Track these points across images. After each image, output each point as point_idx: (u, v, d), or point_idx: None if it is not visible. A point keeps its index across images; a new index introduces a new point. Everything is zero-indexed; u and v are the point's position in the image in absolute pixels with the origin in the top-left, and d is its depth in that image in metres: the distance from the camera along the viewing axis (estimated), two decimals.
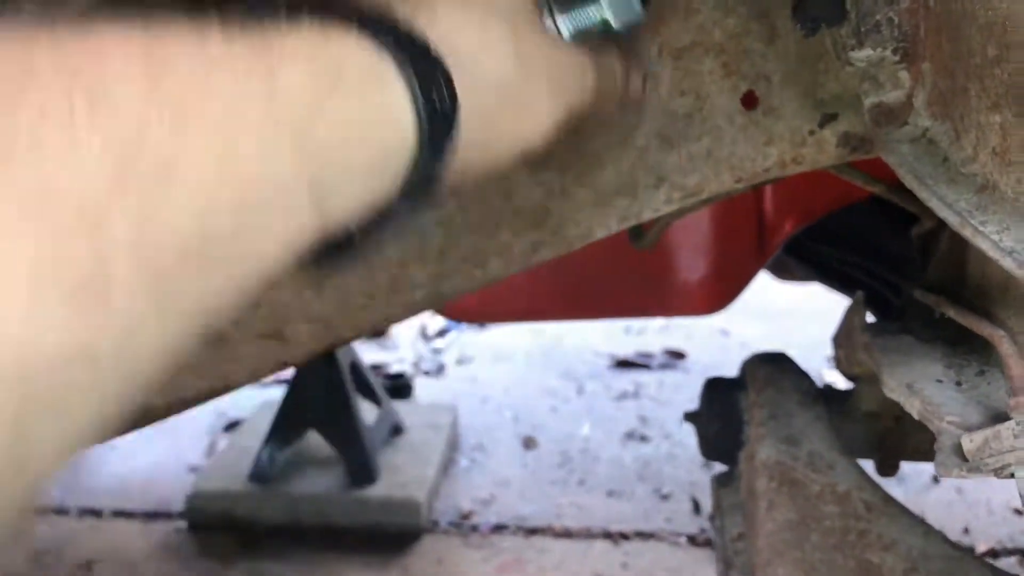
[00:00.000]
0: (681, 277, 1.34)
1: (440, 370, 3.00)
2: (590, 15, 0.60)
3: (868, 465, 1.04)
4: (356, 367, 2.31)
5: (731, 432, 1.00)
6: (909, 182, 0.60)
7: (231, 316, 0.41)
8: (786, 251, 1.43)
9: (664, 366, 2.95)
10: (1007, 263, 0.53)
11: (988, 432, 0.54)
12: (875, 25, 0.61)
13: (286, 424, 2.25)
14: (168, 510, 2.27)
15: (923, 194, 0.58)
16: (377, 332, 2.30)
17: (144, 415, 0.78)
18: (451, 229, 0.76)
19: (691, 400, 2.79)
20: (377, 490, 2.19)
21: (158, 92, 0.35)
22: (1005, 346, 0.58)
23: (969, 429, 0.58)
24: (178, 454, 2.53)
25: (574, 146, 0.74)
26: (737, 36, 0.71)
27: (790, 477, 0.91)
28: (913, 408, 0.64)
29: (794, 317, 2.95)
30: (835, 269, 1.47)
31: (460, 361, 3.07)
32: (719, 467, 1.10)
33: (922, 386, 0.65)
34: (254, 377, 0.78)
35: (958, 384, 0.66)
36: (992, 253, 0.54)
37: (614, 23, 0.61)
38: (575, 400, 2.78)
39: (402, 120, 0.44)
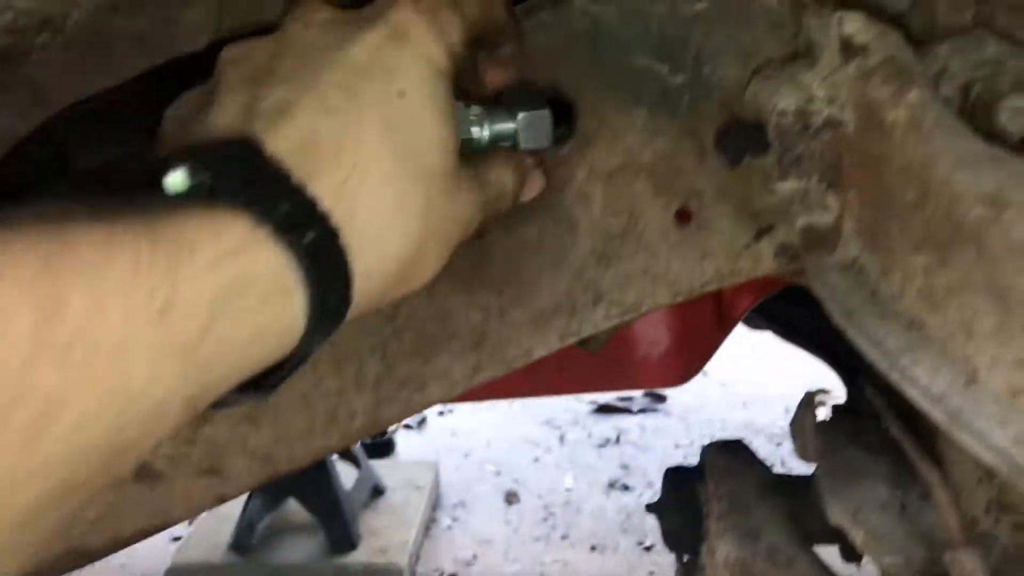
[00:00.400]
0: (645, 352, 1.33)
1: (422, 423, 2.98)
2: (507, 130, 0.63)
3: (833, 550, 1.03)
4: None
5: (692, 525, 0.98)
6: (837, 318, 0.59)
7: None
8: (756, 311, 1.42)
9: (645, 410, 2.94)
10: (937, 414, 0.52)
11: None
12: (798, 157, 0.61)
13: (265, 492, 2.22)
14: None
15: (851, 332, 0.57)
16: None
17: (81, 556, 0.76)
18: (387, 356, 0.74)
19: (673, 445, 2.79)
20: (358, 556, 2.16)
21: (49, 331, 0.34)
22: (940, 494, 0.57)
23: (911, 570, 0.57)
24: None
25: (510, 268, 0.73)
26: (667, 156, 0.70)
27: (750, 573, 0.90)
28: (856, 539, 0.62)
29: (771, 354, 2.94)
30: (804, 330, 1.46)
31: (442, 412, 3.05)
32: None
33: (866, 516, 0.63)
34: (192, 512, 0.77)
35: (903, 508, 0.65)
36: (921, 402, 0.52)
37: (522, 145, 0.63)
38: (557, 449, 2.76)
39: (295, 324, 0.43)
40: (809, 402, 0.84)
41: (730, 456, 1.01)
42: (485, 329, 0.74)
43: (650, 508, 1.06)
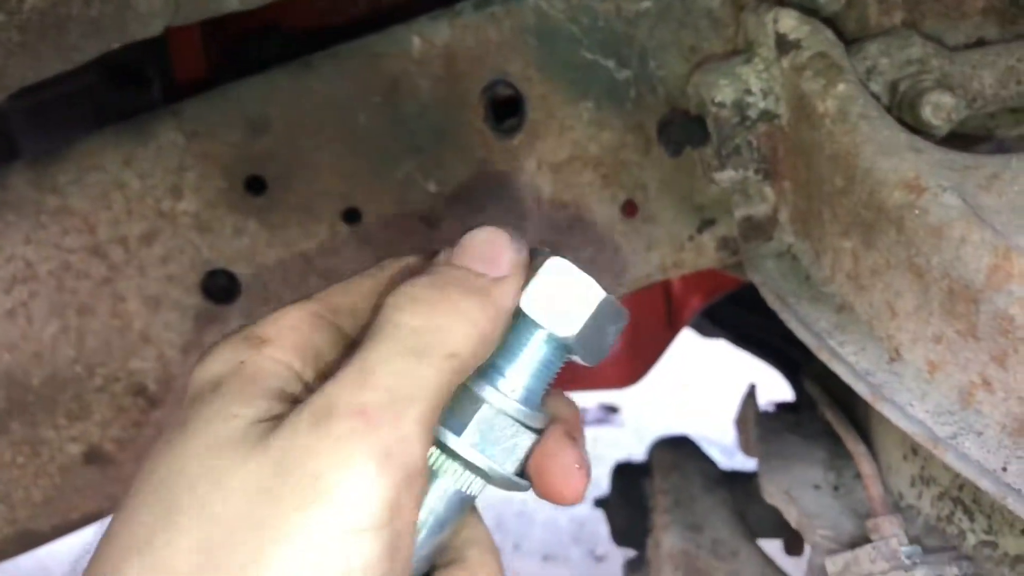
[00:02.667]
0: None
1: None
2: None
3: (777, 544, 1.06)
4: None
5: (638, 519, 1.00)
6: (771, 302, 0.61)
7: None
8: (704, 314, 1.45)
9: (599, 421, 2.96)
10: (861, 388, 0.54)
11: (848, 556, 0.55)
12: (735, 148, 0.63)
13: None
14: None
15: (784, 315, 0.60)
16: None
17: (28, 539, 0.76)
18: None
19: (625, 456, 2.80)
20: None
21: None
22: (864, 466, 0.60)
23: (840, 542, 0.59)
24: (59, 556, 2.45)
25: None
26: (613, 149, 0.73)
27: (694, 566, 0.92)
28: (790, 517, 0.65)
29: (725, 367, 2.99)
30: (751, 334, 1.49)
31: None
32: None
33: (799, 494, 0.66)
34: None
35: (836, 489, 0.67)
36: (847, 378, 0.55)
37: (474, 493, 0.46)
38: None
39: None
40: (751, 395, 0.87)
41: (676, 451, 1.04)
42: None
43: (598, 503, 1.08)
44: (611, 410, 3.01)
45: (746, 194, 0.68)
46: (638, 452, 2.94)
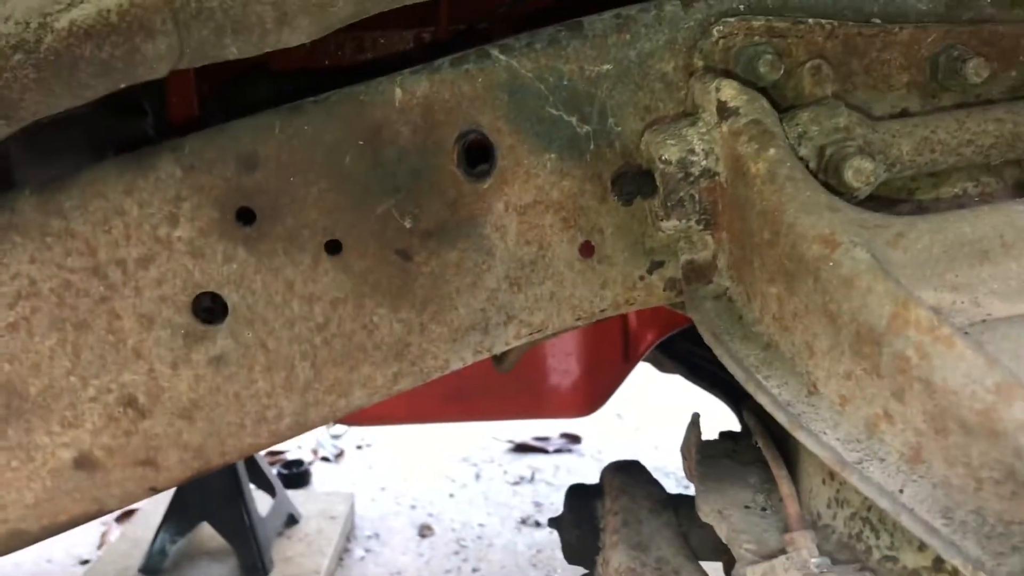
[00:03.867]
0: (553, 383, 1.42)
1: (339, 456, 3.01)
2: None
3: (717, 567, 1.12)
4: (251, 460, 2.32)
5: (589, 538, 1.07)
6: (707, 339, 0.69)
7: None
8: (660, 349, 1.53)
9: (560, 450, 3.03)
10: (781, 417, 0.62)
11: (765, 565, 0.62)
12: (679, 201, 0.71)
13: (179, 515, 2.24)
14: None
15: (718, 351, 0.67)
16: None
17: (18, 539, 0.81)
18: (316, 363, 0.82)
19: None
20: None
21: None
22: (784, 487, 0.67)
23: (762, 555, 0.66)
24: (68, 546, 2.48)
25: (432, 288, 0.81)
26: (573, 195, 0.80)
27: None
28: (721, 533, 0.72)
29: (682, 401, 3.06)
30: (702, 368, 1.57)
31: (360, 446, 3.09)
32: None
33: (730, 512, 0.73)
34: (126, 502, 0.82)
35: (764, 509, 0.75)
36: (770, 408, 0.62)
37: None
38: (472, 486, 2.82)
39: None
40: (695, 423, 0.94)
41: (626, 475, 1.10)
42: (407, 341, 0.83)
43: (552, 523, 1.15)
44: (573, 439, 3.07)
45: (689, 241, 0.75)
46: (596, 479, 2.98)
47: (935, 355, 0.54)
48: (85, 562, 2.41)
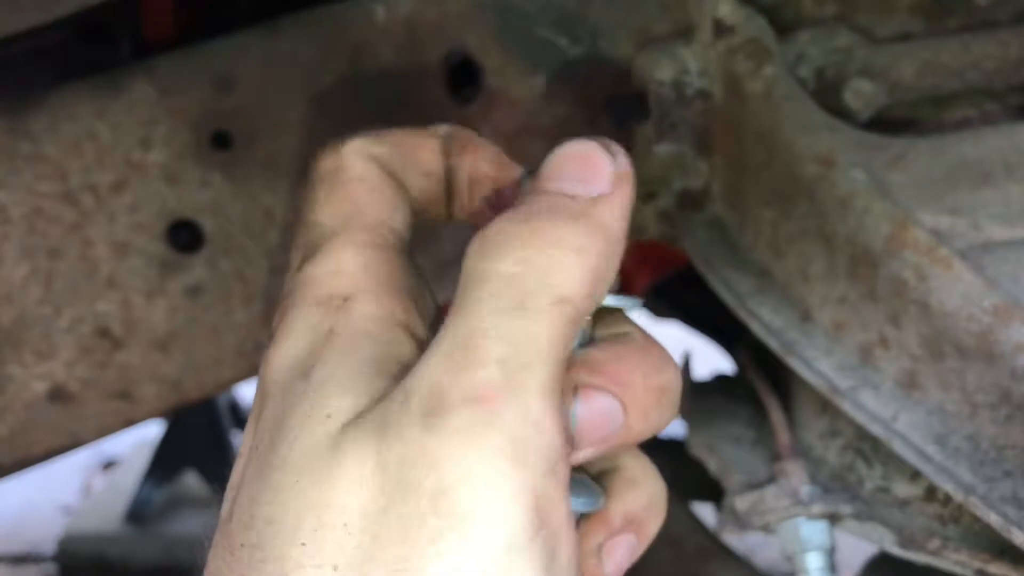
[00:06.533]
0: None
1: None
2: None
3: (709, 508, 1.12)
4: (235, 406, 2.31)
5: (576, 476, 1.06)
6: (700, 266, 0.67)
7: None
8: (657, 295, 1.51)
9: None
10: (773, 344, 0.60)
11: (755, 495, 0.61)
12: (672, 124, 0.68)
13: (164, 463, 2.23)
14: (38, 553, 2.22)
15: (710, 279, 0.65)
16: None
17: None
18: None
19: None
20: None
21: None
22: (774, 414, 0.66)
23: (751, 486, 0.65)
24: (50, 493, 2.46)
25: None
26: (563, 121, 0.77)
27: None
28: (711, 466, 0.70)
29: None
30: (703, 313, 1.55)
31: None
32: None
33: (720, 445, 0.71)
34: (101, 434, 0.80)
35: (754, 442, 0.73)
36: (762, 335, 0.61)
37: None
38: None
39: None
40: (686, 363, 0.92)
41: None
42: None
43: None
44: None
45: (683, 168, 0.73)
46: None
47: (932, 277, 0.53)
48: (68, 509, 2.40)
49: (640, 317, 0.49)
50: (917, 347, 0.54)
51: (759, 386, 0.71)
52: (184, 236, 0.78)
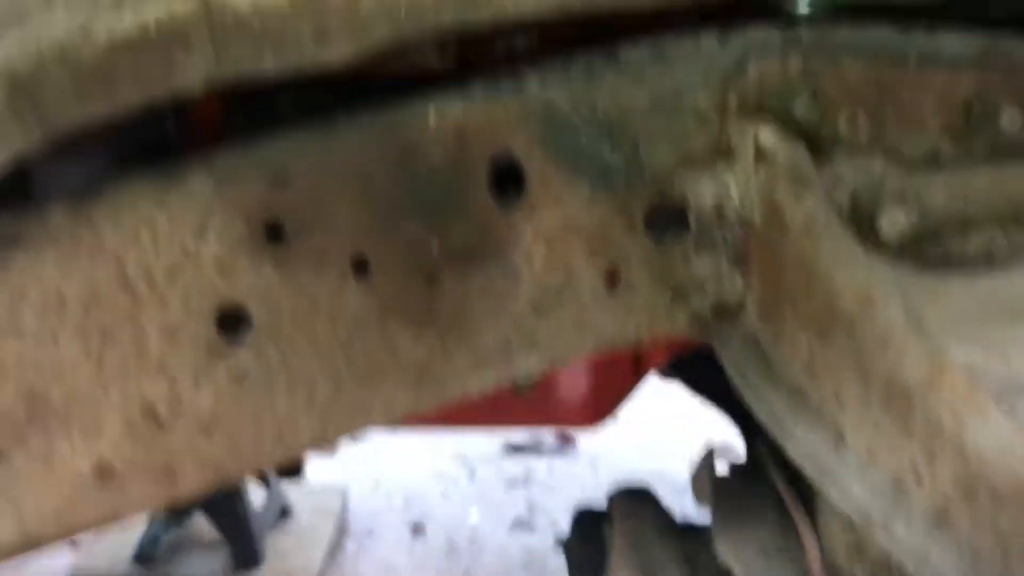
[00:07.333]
0: (564, 393, 1.42)
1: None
2: None
3: None
4: None
5: (596, 560, 1.07)
6: (736, 380, 0.69)
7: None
8: (673, 369, 1.53)
9: (555, 451, 3.03)
10: (810, 469, 0.62)
11: None
12: (712, 242, 0.71)
13: (172, 505, 2.23)
14: None
15: (745, 391, 0.68)
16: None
17: (33, 544, 0.81)
18: (338, 381, 0.82)
19: (579, 488, 2.88)
20: (262, 575, 2.19)
21: None
22: (805, 535, 0.68)
23: None
24: None
25: (457, 311, 0.81)
26: (602, 224, 0.80)
27: None
28: (738, 573, 0.72)
29: (681, 406, 3.07)
30: (710, 386, 1.57)
31: (353, 439, 3.09)
32: None
33: (747, 555, 0.73)
34: (142, 511, 0.82)
35: (781, 551, 0.75)
36: (797, 457, 0.63)
37: None
38: (466, 485, 2.83)
39: None
40: (708, 458, 0.94)
41: (634, 500, 1.11)
42: (429, 364, 0.83)
43: (560, 543, 1.15)
44: (567, 440, 3.08)
45: (719, 280, 0.75)
46: (591, 484, 3.01)
47: (969, 421, 0.55)
48: (76, 546, 2.40)
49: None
50: (950, 485, 0.56)
51: (788, 500, 0.73)
52: (233, 323, 0.80)
